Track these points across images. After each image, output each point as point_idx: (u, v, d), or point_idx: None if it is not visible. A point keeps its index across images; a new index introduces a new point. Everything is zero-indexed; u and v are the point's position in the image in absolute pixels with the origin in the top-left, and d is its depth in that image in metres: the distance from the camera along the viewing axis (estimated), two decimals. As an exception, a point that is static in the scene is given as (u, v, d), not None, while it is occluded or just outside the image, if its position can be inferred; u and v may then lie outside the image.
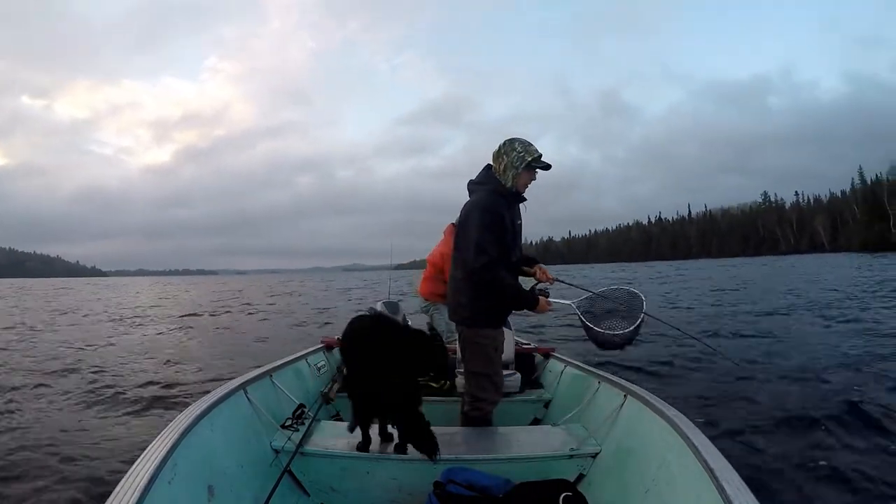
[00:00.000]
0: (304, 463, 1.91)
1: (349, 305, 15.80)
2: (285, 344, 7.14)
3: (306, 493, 1.91)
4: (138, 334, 9.65)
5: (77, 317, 13.98)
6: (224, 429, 1.75)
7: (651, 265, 62.31)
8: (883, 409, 3.52)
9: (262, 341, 8.32)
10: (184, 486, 1.38)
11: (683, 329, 2.78)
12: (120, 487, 1.19)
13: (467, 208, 2.23)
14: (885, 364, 4.97)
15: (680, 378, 4.87)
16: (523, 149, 2.17)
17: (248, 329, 10.33)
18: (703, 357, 5.36)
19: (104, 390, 4.75)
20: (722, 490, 1.23)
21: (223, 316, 13.45)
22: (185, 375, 5.49)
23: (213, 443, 1.65)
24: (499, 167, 2.20)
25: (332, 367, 3.17)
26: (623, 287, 2.39)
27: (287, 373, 2.60)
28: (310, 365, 2.94)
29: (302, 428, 2.06)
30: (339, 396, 2.91)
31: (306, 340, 6.18)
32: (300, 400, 2.38)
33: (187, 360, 6.37)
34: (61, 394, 4.65)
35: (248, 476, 1.73)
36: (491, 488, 1.75)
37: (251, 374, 2.23)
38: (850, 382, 4.31)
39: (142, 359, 6.60)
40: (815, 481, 2.58)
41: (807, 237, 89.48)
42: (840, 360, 5.27)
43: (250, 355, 6.48)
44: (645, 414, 1.86)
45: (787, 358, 5.51)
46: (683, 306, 12.13)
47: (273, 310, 15.32)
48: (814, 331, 7.53)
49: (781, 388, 4.30)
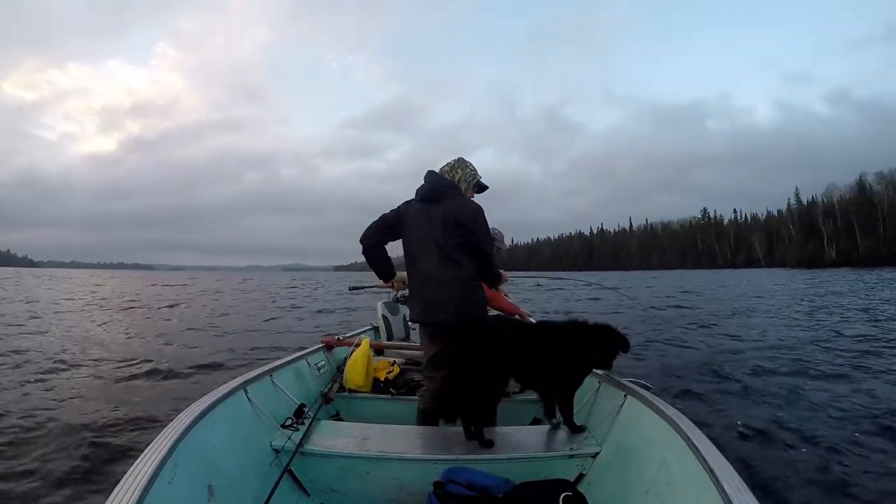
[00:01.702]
0: (304, 463, 1.91)
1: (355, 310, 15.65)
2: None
3: (306, 493, 1.91)
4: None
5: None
6: (224, 428, 1.74)
7: (594, 273, 64.35)
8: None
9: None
10: (184, 486, 1.38)
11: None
12: (120, 487, 1.19)
13: (470, 209, 2.28)
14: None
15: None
16: (474, 169, 2.49)
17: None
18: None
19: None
20: (722, 490, 1.23)
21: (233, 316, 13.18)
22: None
23: (213, 442, 1.65)
24: (453, 178, 2.42)
25: (333, 367, 3.17)
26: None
27: (287, 372, 2.59)
28: (310, 365, 2.95)
29: (302, 428, 2.06)
30: (338, 396, 2.92)
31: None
32: (300, 400, 2.38)
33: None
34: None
35: (248, 476, 1.73)
36: (491, 488, 1.75)
37: (251, 374, 2.22)
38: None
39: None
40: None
41: (744, 252, 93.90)
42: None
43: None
44: (645, 414, 1.86)
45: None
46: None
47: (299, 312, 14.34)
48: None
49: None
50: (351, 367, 2.82)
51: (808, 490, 2.52)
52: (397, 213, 2.39)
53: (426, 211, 2.30)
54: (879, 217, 62.53)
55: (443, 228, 2.25)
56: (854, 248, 62.30)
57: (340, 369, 3.02)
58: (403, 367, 3.22)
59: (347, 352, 2.99)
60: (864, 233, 62.51)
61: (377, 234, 2.38)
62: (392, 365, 3.17)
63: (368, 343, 2.96)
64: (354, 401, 2.91)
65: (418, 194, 2.37)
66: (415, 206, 2.36)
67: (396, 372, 3.11)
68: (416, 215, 2.32)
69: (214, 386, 1.97)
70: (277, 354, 5.33)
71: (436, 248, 2.26)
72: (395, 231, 2.38)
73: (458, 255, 2.26)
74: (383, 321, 3.95)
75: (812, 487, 2.55)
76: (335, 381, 2.96)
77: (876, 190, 65.63)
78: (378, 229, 2.38)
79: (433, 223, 2.27)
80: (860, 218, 63.54)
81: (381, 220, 2.39)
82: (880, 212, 62.64)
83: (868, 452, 2.96)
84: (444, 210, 2.27)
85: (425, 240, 2.28)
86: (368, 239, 2.38)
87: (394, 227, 2.38)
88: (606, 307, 14.07)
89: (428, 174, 2.43)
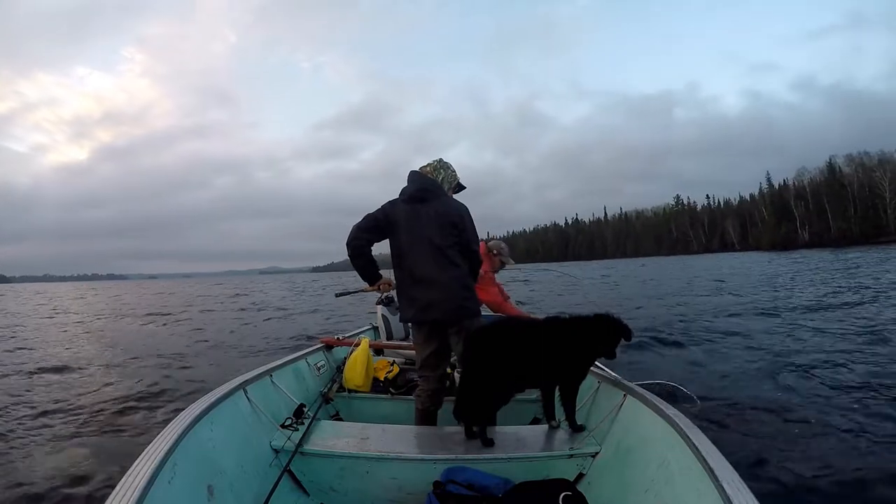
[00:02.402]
0: (304, 463, 1.91)
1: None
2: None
3: (306, 493, 1.91)
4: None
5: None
6: (224, 428, 1.74)
7: (573, 264, 65.53)
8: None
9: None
10: (184, 486, 1.38)
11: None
12: (120, 487, 1.19)
13: (459, 209, 2.35)
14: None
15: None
16: (454, 171, 2.53)
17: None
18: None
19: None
20: (722, 490, 1.23)
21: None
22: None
23: (213, 442, 1.65)
24: (436, 179, 2.43)
25: (332, 367, 3.17)
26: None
27: (287, 372, 2.59)
28: (309, 365, 2.94)
29: (302, 428, 2.06)
30: (338, 396, 2.92)
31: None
32: (300, 400, 2.38)
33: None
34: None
35: (248, 476, 1.73)
36: (491, 488, 1.75)
37: (251, 374, 2.22)
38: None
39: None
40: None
41: (718, 237, 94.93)
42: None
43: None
44: (644, 413, 1.86)
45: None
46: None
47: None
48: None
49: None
50: (350, 367, 2.82)
51: (808, 491, 2.52)
52: (384, 212, 2.34)
53: (415, 210, 2.29)
54: (850, 198, 63.72)
55: (438, 228, 2.25)
56: (826, 230, 63.70)
57: (340, 369, 3.02)
58: (403, 366, 3.21)
59: (347, 352, 2.99)
60: (835, 214, 63.96)
61: (365, 234, 2.31)
62: (392, 365, 3.17)
63: (368, 343, 2.96)
64: (354, 401, 2.91)
65: (404, 194, 2.35)
66: (401, 206, 2.33)
67: (396, 372, 3.11)
68: (405, 215, 2.30)
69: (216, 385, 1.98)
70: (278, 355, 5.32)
71: (430, 248, 2.25)
72: (382, 231, 2.33)
73: (454, 254, 2.27)
74: (383, 321, 3.95)
75: (812, 487, 2.55)
76: (335, 381, 2.96)
77: (845, 172, 66.77)
78: (365, 230, 2.31)
79: (425, 223, 2.27)
80: (831, 199, 64.83)
81: (368, 221, 2.32)
82: (850, 193, 63.86)
83: (868, 444, 2.96)
84: (436, 209, 2.28)
85: (418, 239, 2.27)
86: (357, 240, 2.30)
87: (381, 228, 2.33)
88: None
89: (412, 174, 2.42)
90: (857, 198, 63.16)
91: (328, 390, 2.85)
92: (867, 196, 62.38)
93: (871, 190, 62.33)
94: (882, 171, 61.90)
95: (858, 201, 62.93)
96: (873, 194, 61.91)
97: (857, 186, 63.83)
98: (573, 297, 13.94)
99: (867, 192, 62.63)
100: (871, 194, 62.19)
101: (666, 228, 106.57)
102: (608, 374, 2.34)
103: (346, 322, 9.28)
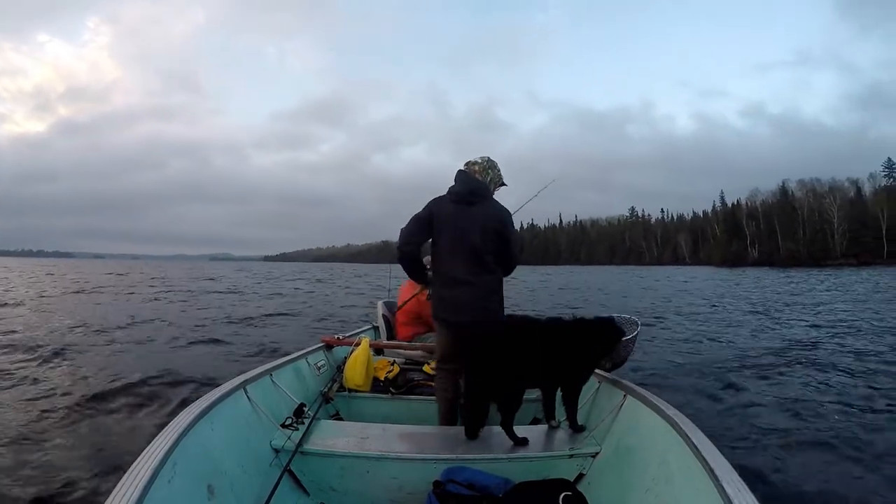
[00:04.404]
0: (304, 462, 1.91)
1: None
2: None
3: (306, 493, 1.91)
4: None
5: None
6: (224, 428, 1.74)
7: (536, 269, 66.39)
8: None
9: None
10: (184, 486, 1.38)
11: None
12: (120, 486, 1.19)
13: (503, 215, 2.36)
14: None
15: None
16: (500, 171, 2.52)
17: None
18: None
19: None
20: (722, 489, 1.23)
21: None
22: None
23: (213, 442, 1.65)
24: (484, 179, 2.42)
25: (332, 367, 3.17)
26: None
27: (287, 372, 2.59)
28: (310, 364, 2.94)
29: (302, 427, 2.06)
30: (338, 395, 2.92)
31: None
32: (300, 399, 2.38)
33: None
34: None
35: (248, 475, 1.73)
36: (491, 488, 1.75)
37: (251, 373, 2.22)
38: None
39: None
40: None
41: (670, 250, 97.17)
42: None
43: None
44: (644, 413, 1.86)
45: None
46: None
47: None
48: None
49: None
50: (351, 367, 2.82)
51: (807, 490, 2.52)
52: (429, 210, 2.37)
53: (461, 212, 2.31)
54: (800, 221, 66.60)
55: (481, 233, 2.27)
56: (776, 249, 65.80)
57: (340, 369, 3.01)
58: (403, 366, 3.21)
59: (347, 351, 2.99)
60: (784, 235, 66.43)
61: (416, 237, 2.36)
62: (392, 364, 3.17)
63: (368, 342, 2.96)
64: (354, 400, 2.91)
65: (452, 195, 2.37)
66: (448, 206, 2.35)
67: (396, 371, 3.11)
68: (450, 216, 2.32)
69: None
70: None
71: (470, 252, 2.28)
72: (429, 232, 2.37)
73: (490, 260, 2.31)
74: (383, 321, 3.95)
75: (811, 486, 2.55)
76: (335, 381, 2.96)
77: (797, 196, 69.94)
78: (417, 233, 2.36)
79: (469, 226, 2.28)
80: (782, 221, 67.42)
81: (416, 224, 2.36)
82: (801, 216, 66.83)
83: (864, 446, 2.96)
84: (483, 213, 2.30)
85: (459, 241, 2.29)
86: (407, 245, 2.36)
87: (428, 227, 2.36)
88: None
89: (459, 174, 2.42)
90: (808, 221, 65.90)
91: (328, 390, 2.85)
92: (816, 220, 65.04)
93: (820, 215, 65.00)
94: (832, 197, 64.86)
95: (808, 225, 65.66)
96: (822, 219, 64.51)
97: (807, 211, 66.66)
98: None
99: (817, 216, 65.38)
100: (820, 219, 64.83)
101: (620, 239, 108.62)
102: (608, 375, 2.34)
103: (341, 322, 9.27)
